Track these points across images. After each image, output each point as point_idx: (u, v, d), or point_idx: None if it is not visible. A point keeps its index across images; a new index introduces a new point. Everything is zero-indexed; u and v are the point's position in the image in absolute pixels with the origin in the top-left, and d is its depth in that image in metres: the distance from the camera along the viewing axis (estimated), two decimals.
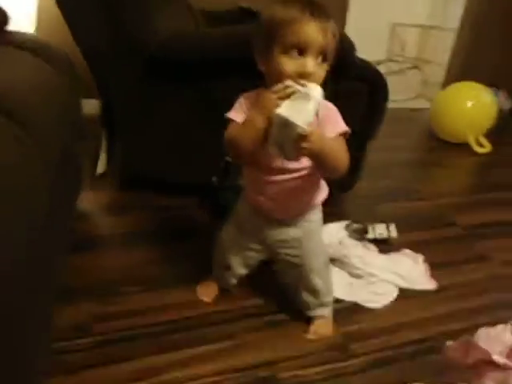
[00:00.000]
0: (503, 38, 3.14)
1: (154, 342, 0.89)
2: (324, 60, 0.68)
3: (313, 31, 0.64)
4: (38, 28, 1.86)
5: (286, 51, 0.65)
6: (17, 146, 0.54)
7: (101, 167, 1.47)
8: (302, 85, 0.64)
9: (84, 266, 1.10)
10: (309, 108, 0.62)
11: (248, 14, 2.06)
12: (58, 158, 0.74)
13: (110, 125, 1.51)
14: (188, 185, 1.43)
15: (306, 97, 0.62)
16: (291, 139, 0.63)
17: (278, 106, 0.63)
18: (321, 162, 0.71)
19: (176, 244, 1.22)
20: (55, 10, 1.30)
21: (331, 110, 0.76)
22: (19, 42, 1.04)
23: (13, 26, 1.08)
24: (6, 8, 1.05)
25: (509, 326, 0.56)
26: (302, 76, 0.65)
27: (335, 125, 0.73)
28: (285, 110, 0.62)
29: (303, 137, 0.62)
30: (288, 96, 0.64)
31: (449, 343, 0.65)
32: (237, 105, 0.74)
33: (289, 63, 0.65)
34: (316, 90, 0.64)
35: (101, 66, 1.36)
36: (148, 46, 1.23)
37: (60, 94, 0.94)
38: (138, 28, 1.24)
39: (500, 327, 0.56)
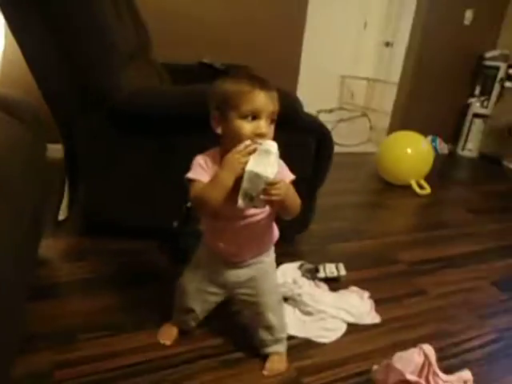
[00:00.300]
0: (436, 92, 3.54)
1: None
2: (272, 122, 0.81)
3: (263, 100, 0.78)
4: (2, 78, 1.92)
5: (242, 117, 0.78)
6: None
7: (62, 213, 1.49)
8: (260, 143, 0.76)
9: (44, 313, 1.11)
10: (272, 161, 0.75)
11: (209, 69, 2.23)
12: (23, 211, 0.79)
13: (72, 170, 1.55)
14: (149, 229, 1.49)
15: (267, 152, 0.75)
16: (261, 189, 0.74)
17: (244, 164, 0.74)
18: (284, 205, 0.82)
19: (136, 289, 1.26)
20: (19, 58, 1.36)
21: (280, 160, 0.88)
22: None
23: None
24: None
25: (417, 348, 0.66)
26: (258, 136, 0.78)
27: (286, 173, 0.86)
28: (253, 165, 0.74)
29: (273, 185, 0.74)
30: (250, 153, 0.76)
31: (374, 367, 0.74)
32: (197, 166, 0.84)
33: (246, 126, 0.78)
34: (274, 146, 0.76)
35: (65, 114, 1.42)
36: (112, 100, 1.32)
37: (24, 145, 1.00)
38: (103, 82, 1.33)
39: (411, 350, 0.66)
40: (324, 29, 3.93)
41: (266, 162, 0.74)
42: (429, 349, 0.67)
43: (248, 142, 0.77)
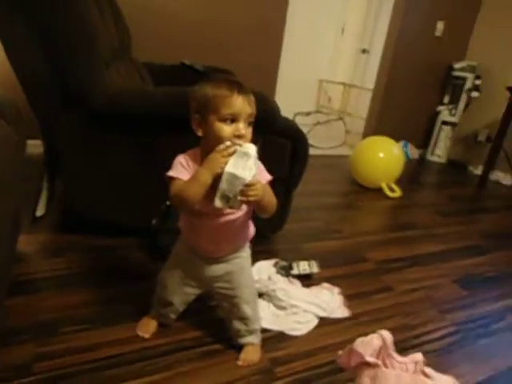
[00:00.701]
0: (408, 100, 3.69)
1: (94, 377, 0.94)
2: (250, 124, 0.86)
3: (241, 104, 0.82)
4: None
5: (221, 120, 0.82)
6: None
7: (40, 209, 1.50)
8: (239, 144, 0.81)
9: (23, 308, 1.12)
10: (250, 164, 0.79)
11: (190, 70, 2.26)
12: (6, 210, 0.81)
13: (51, 166, 1.55)
14: (128, 227, 1.52)
15: (246, 154, 0.79)
16: (238, 191, 0.78)
17: (223, 164, 0.78)
18: (261, 205, 0.87)
19: (115, 284, 1.29)
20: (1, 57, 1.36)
21: (258, 162, 0.93)
22: None
23: None
24: None
25: (376, 334, 0.73)
26: (237, 137, 0.82)
27: (264, 174, 0.91)
28: (231, 167, 0.78)
29: (250, 186, 0.78)
30: (231, 154, 0.80)
31: (339, 352, 0.81)
32: (178, 165, 0.88)
33: (225, 128, 0.82)
34: (252, 148, 0.81)
35: (46, 111, 1.43)
36: (94, 99, 1.33)
37: (6, 142, 1.01)
38: (85, 81, 1.34)
39: (370, 335, 0.73)
40: (303, 34, 4.02)
41: (245, 165, 0.78)
42: (386, 334, 0.74)
43: (228, 143, 0.81)
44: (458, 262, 1.81)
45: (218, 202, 0.80)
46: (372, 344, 0.71)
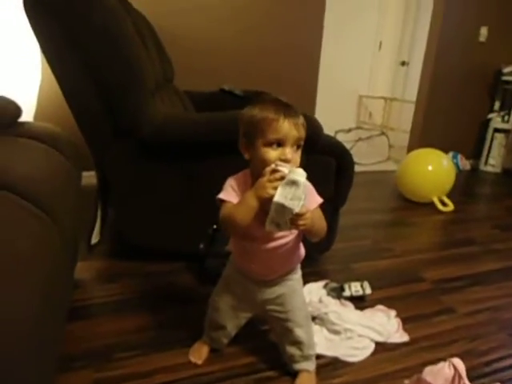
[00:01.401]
0: (454, 109, 3.54)
1: None
2: (298, 147, 0.84)
3: (288, 128, 0.80)
4: (37, 109, 2.05)
5: (267, 144, 0.81)
6: (46, 233, 0.66)
7: (95, 237, 1.56)
8: (287, 169, 0.77)
9: (79, 334, 1.16)
10: (300, 193, 0.76)
11: (229, 95, 2.32)
12: (71, 238, 0.85)
13: (104, 196, 1.63)
14: (177, 251, 1.54)
15: (295, 183, 0.75)
16: (288, 219, 0.77)
17: (270, 190, 0.76)
18: (311, 232, 0.86)
19: (166, 309, 1.30)
20: (55, 91, 1.46)
21: (309, 186, 0.90)
22: (30, 132, 1.19)
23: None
24: (17, 101, 1.22)
25: (447, 362, 0.67)
26: (284, 162, 0.80)
27: (314, 198, 0.89)
28: (280, 197, 0.75)
29: (299, 216, 0.77)
30: (278, 179, 0.77)
31: (405, 382, 0.75)
32: (228, 188, 0.88)
33: (271, 153, 0.81)
34: (301, 175, 0.77)
35: (98, 143, 1.51)
36: (142, 130, 1.40)
37: (68, 177, 1.08)
38: (134, 113, 1.41)
39: (441, 364, 0.68)
40: (340, 51, 4.02)
41: (293, 194, 0.75)
42: (458, 362, 0.68)
43: (273, 166, 0.79)
44: None
45: (268, 227, 0.80)
46: (443, 373, 0.65)
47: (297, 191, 0.75)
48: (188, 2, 2.52)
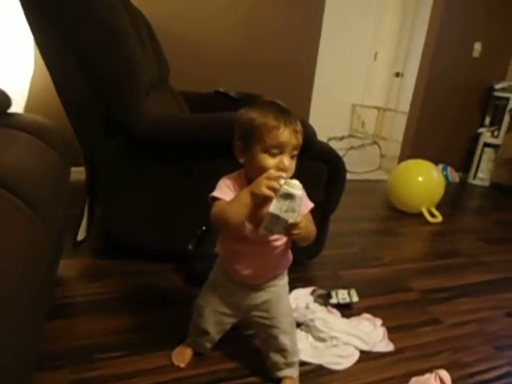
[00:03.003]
0: (446, 122, 3.59)
1: None
2: (294, 156, 0.83)
3: (287, 136, 0.79)
4: (28, 101, 2.02)
5: (265, 151, 0.80)
6: (29, 225, 0.63)
7: (81, 234, 1.53)
8: (284, 182, 0.75)
9: (60, 332, 1.13)
10: (295, 205, 0.75)
11: (224, 97, 2.31)
12: (54, 232, 0.83)
13: (92, 192, 1.60)
14: (165, 251, 1.52)
15: (291, 196, 0.75)
16: (282, 228, 0.77)
17: (263, 188, 0.75)
18: (302, 238, 0.85)
19: (151, 310, 1.28)
20: (46, 84, 1.43)
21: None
22: (19, 124, 1.16)
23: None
24: (7, 92, 1.19)
25: (433, 374, 0.67)
26: (281, 170, 0.79)
27: (306, 203, 0.89)
28: (275, 207, 0.75)
29: (293, 226, 0.77)
30: (275, 188, 0.75)
31: None
32: (223, 186, 0.86)
33: (269, 160, 0.80)
34: (297, 188, 0.75)
35: (89, 139, 1.48)
36: (134, 127, 1.38)
37: (55, 171, 1.05)
38: (127, 110, 1.39)
39: (427, 375, 0.67)
40: (335, 60, 4.05)
41: (288, 206, 0.75)
42: (445, 374, 0.67)
43: (273, 171, 0.78)
44: (510, 294, 1.68)
45: (261, 231, 0.79)
46: None
47: (292, 204, 0.75)
48: (188, 6, 2.51)
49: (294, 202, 0.75)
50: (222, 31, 2.66)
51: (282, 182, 0.76)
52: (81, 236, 1.52)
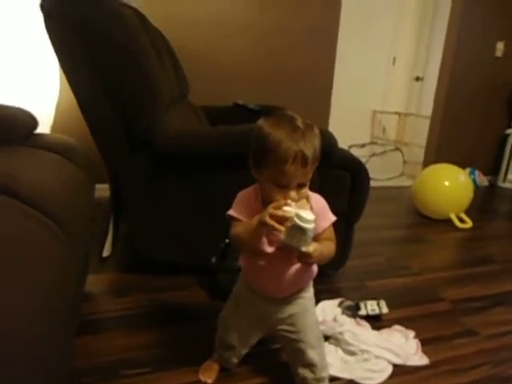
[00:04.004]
0: (471, 124, 3.49)
1: None
2: (303, 186, 0.80)
3: (294, 173, 0.76)
4: (54, 122, 2.08)
5: (272, 181, 0.78)
6: (57, 243, 0.64)
7: (107, 250, 1.55)
8: (296, 214, 0.72)
9: (87, 348, 1.14)
10: (306, 238, 0.74)
11: (243, 109, 2.33)
12: (82, 251, 0.84)
13: (117, 208, 1.63)
14: (189, 265, 1.52)
15: (301, 229, 0.72)
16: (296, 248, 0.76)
17: (268, 219, 0.73)
18: (319, 261, 0.84)
19: (177, 325, 1.27)
20: (71, 105, 1.48)
21: (321, 204, 0.88)
22: (46, 144, 1.20)
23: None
24: (34, 113, 1.23)
25: None
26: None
27: (327, 217, 0.87)
28: (287, 238, 0.74)
29: (305, 254, 0.76)
30: (284, 218, 0.73)
31: None
32: (238, 203, 0.86)
33: (276, 192, 0.78)
34: (308, 220, 0.72)
35: (112, 156, 1.52)
36: (156, 143, 1.40)
37: (81, 189, 1.08)
38: (149, 127, 1.41)
39: None
40: (354, 66, 4.02)
41: (299, 238, 0.74)
42: None
43: (279, 202, 0.76)
44: None
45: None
46: None
47: (303, 236, 0.74)
48: (205, 27, 2.56)
49: (305, 235, 0.74)
50: (239, 49, 2.69)
51: (293, 212, 0.73)
52: (106, 252, 1.55)
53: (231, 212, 0.85)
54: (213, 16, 2.58)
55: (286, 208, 0.75)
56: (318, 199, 0.88)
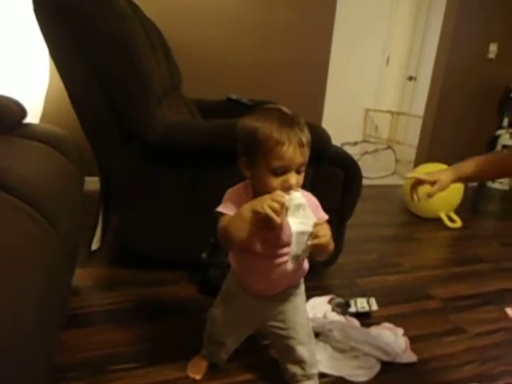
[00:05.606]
0: (463, 125, 3.51)
1: None
2: (301, 171, 0.78)
3: (291, 154, 0.73)
4: (43, 112, 2.04)
5: (270, 170, 0.75)
6: (44, 236, 0.62)
7: (95, 244, 1.53)
8: (288, 198, 0.73)
9: (74, 343, 1.12)
10: (309, 211, 0.74)
11: (236, 104, 2.31)
12: (70, 244, 0.82)
13: (106, 202, 1.60)
14: (179, 260, 1.50)
15: (299, 206, 0.73)
16: (306, 243, 0.74)
17: (266, 207, 0.71)
18: (324, 249, 0.78)
19: (166, 320, 1.26)
20: (61, 96, 1.45)
21: (314, 202, 0.86)
22: (34, 134, 1.17)
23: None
24: (22, 102, 1.20)
25: None
26: (287, 188, 0.75)
27: (320, 213, 0.84)
28: (295, 225, 0.73)
29: (315, 233, 0.73)
30: (279, 201, 0.72)
31: None
32: (227, 201, 0.83)
33: (274, 180, 0.75)
34: (300, 198, 0.74)
35: (103, 149, 1.49)
36: (148, 136, 1.37)
37: (70, 181, 1.05)
38: (141, 119, 1.39)
39: None
40: (347, 65, 4.02)
41: (303, 215, 0.73)
42: None
43: (279, 193, 0.74)
44: None
45: (290, 265, 0.77)
46: None
47: (306, 211, 0.74)
48: (198, 13, 2.52)
49: (307, 209, 0.74)
50: (232, 37, 2.66)
51: (287, 196, 0.73)
52: (95, 246, 1.52)
53: (220, 209, 0.81)
54: (207, 9, 2.55)
55: (279, 193, 0.74)
56: (310, 197, 0.86)
